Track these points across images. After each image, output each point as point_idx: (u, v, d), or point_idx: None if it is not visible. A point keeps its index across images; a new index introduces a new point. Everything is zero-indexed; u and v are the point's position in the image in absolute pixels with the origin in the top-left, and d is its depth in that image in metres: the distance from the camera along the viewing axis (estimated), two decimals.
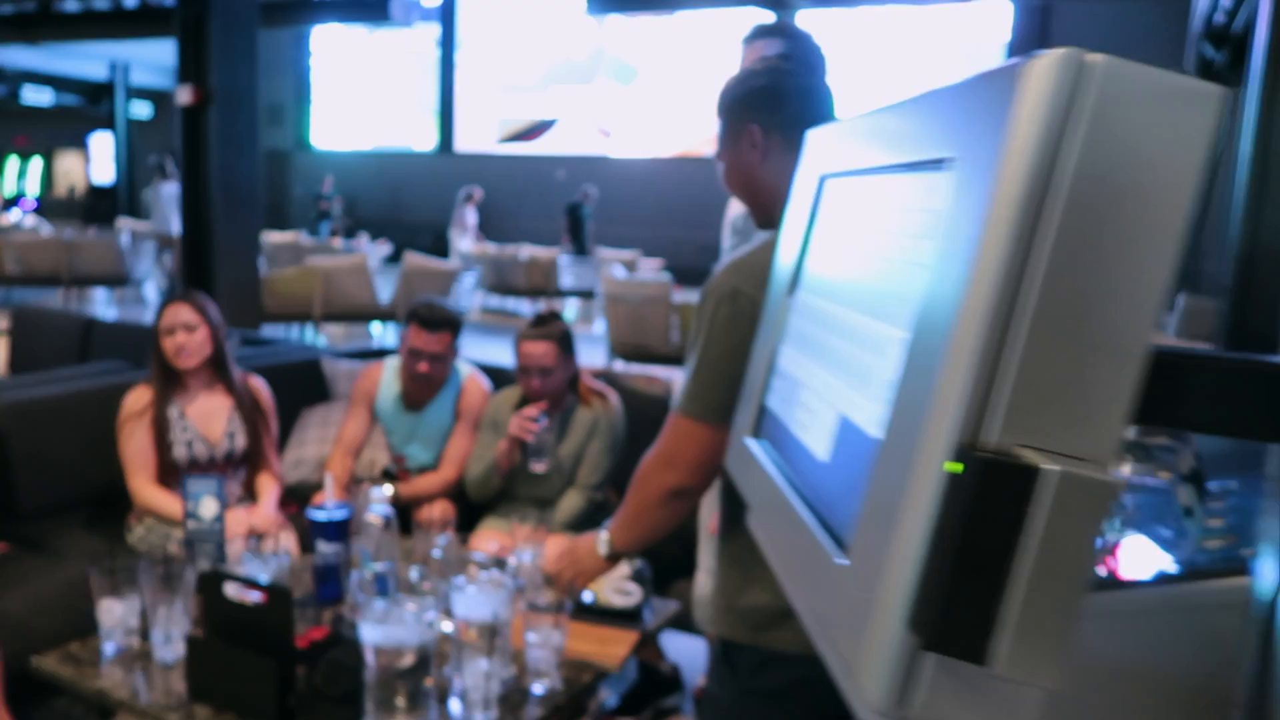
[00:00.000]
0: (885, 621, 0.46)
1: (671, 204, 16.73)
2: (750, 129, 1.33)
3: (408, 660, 1.46)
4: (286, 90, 18.75)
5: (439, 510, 2.70)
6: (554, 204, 17.70)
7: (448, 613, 1.65)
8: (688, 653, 2.66)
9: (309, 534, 1.95)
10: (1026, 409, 0.44)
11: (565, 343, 2.63)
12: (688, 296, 6.37)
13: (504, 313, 10.83)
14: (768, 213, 1.39)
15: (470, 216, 13.15)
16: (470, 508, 2.81)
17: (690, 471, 1.31)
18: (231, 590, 1.57)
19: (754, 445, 0.83)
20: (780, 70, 1.32)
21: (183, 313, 2.62)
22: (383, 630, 1.46)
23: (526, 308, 11.04)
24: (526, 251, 10.12)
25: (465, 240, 12.57)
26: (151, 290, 10.76)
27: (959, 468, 0.44)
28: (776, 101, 1.32)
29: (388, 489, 1.94)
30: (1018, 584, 0.42)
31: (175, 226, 11.48)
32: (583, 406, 2.69)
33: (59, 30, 12.58)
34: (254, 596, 1.57)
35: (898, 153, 0.61)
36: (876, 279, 0.62)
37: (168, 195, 11.98)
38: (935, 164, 0.53)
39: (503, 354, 2.91)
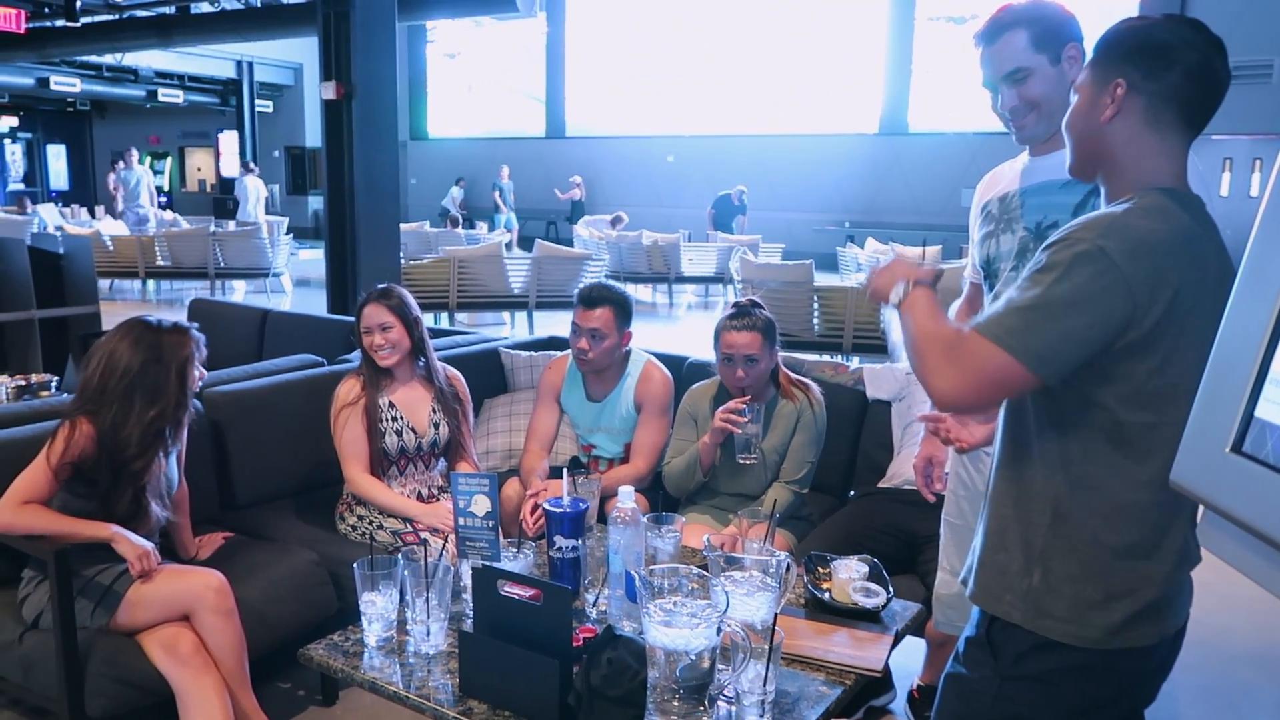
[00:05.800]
0: None
1: (784, 186, 16.46)
2: (1118, 82, 1.22)
3: (704, 664, 1.42)
4: (400, 81, 19.26)
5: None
6: (663, 188, 17.66)
7: None
8: (899, 651, 2.58)
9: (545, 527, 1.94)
10: None
11: (770, 332, 2.57)
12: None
13: None
14: (1091, 170, 1.30)
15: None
16: (658, 500, 2.78)
17: (971, 383, 1.16)
18: (506, 587, 1.57)
19: (1245, 463, 0.75)
20: (1185, 40, 1.20)
21: (378, 314, 2.66)
22: (672, 633, 1.43)
23: (647, 294, 11.06)
24: (649, 237, 10.10)
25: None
26: (288, 281, 11.17)
27: None
28: (1163, 68, 1.20)
29: (629, 489, 1.91)
30: None
31: (253, 216, 13.44)
32: (784, 399, 2.63)
33: (194, 32, 13.15)
34: (527, 593, 1.57)
35: None
36: None
37: (249, 189, 13.84)
38: None
39: None
